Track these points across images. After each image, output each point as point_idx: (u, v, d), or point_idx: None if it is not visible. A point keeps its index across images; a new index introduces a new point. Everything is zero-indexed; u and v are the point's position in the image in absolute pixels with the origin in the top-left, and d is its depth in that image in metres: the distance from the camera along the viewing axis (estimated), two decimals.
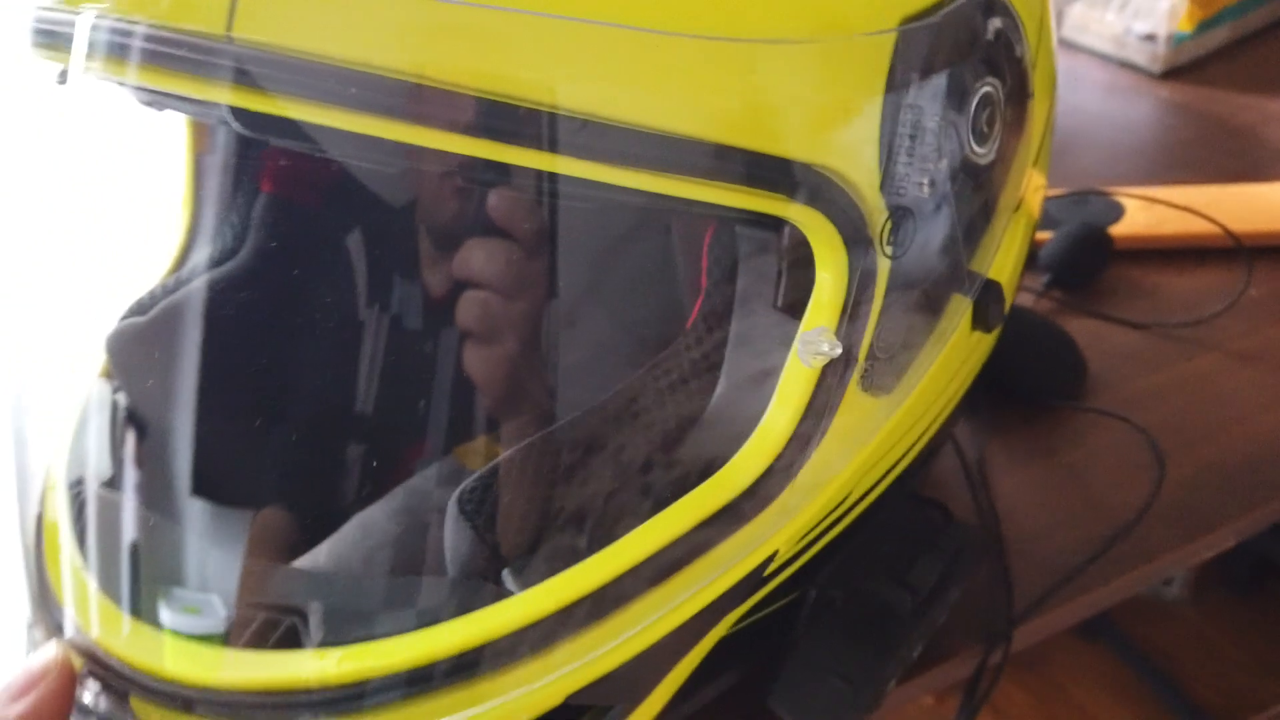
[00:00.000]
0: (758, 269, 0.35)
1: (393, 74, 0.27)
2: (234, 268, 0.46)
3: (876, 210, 0.33)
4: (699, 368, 0.37)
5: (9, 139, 0.38)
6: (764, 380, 0.35)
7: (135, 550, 0.36)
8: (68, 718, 0.33)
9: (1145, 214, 0.73)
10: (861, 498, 0.40)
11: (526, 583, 0.34)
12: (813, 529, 0.38)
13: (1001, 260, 0.40)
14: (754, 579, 0.36)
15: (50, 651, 0.34)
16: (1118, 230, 0.71)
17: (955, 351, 0.40)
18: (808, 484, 0.36)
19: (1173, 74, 0.94)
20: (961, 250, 0.37)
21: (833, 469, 0.36)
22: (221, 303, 0.43)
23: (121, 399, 0.41)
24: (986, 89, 0.35)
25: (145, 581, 0.36)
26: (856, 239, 0.33)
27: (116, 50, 0.29)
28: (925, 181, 0.34)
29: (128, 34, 0.29)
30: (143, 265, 0.47)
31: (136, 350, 0.42)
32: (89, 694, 0.34)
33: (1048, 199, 0.77)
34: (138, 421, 0.41)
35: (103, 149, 0.39)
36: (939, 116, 0.34)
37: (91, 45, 0.30)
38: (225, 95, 0.28)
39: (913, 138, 0.33)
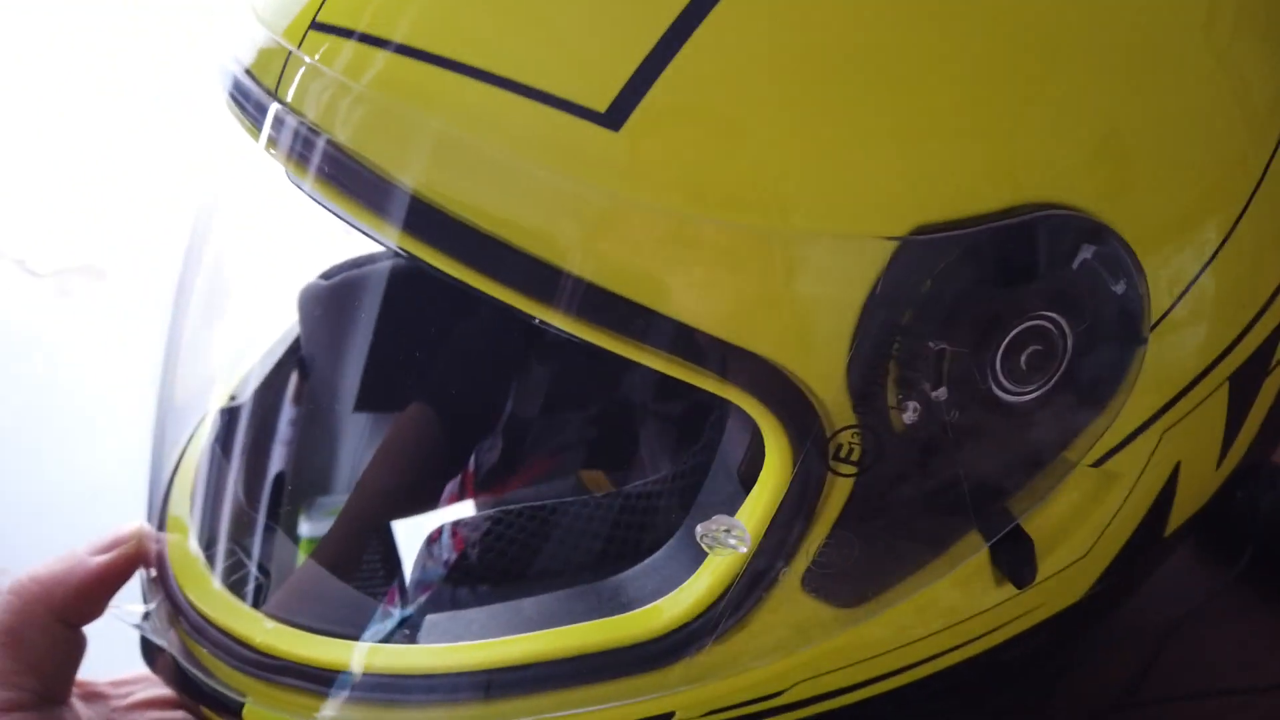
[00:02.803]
0: (735, 433, 0.34)
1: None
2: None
3: (838, 419, 0.30)
4: (669, 506, 0.36)
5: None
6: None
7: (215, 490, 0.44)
8: (126, 580, 0.42)
9: None
10: (824, 695, 0.36)
11: (435, 635, 0.36)
12: (731, 708, 0.35)
13: (1052, 515, 0.34)
14: None
15: (134, 528, 0.43)
16: None
17: (969, 592, 0.35)
18: (718, 662, 0.34)
19: None
20: (967, 486, 0.32)
21: (755, 658, 0.34)
22: (386, 288, 0.49)
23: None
24: (1036, 324, 0.30)
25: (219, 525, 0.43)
26: (803, 443, 0.30)
27: (296, 155, 0.30)
28: (913, 405, 0.30)
29: (309, 144, 0.30)
30: None
31: (314, 307, 0.49)
32: (144, 575, 0.43)
33: None
34: (302, 367, 0.49)
35: None
36: (943, 342, 0.29)
37: (272, 138, 0.31)
38: (391, 235, 0.30)
39: (899, 357, 0.30)
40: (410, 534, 0.42)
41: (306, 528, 0.47)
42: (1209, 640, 0.51)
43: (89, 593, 0.41)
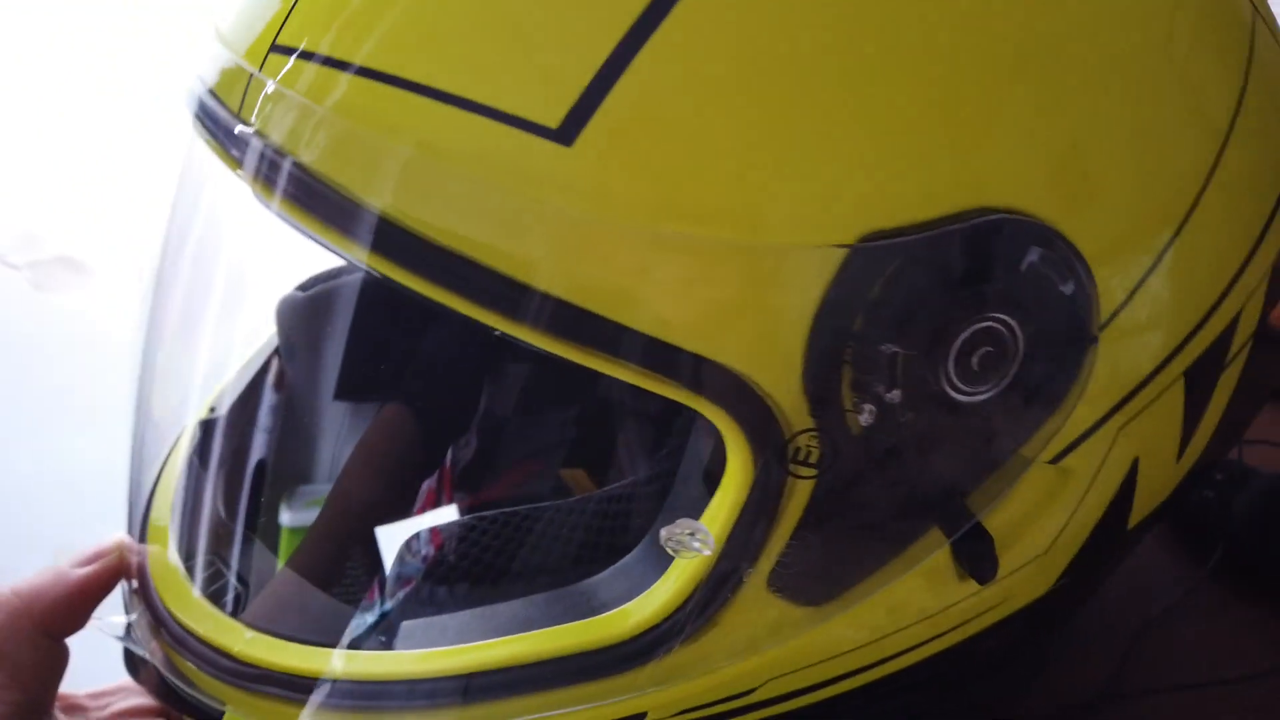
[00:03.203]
0: (701, 438, 0.34)
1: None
2: None
3: (796, 423, 0.31)
4: (639, 510, 0.37)
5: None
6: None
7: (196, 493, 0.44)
8: (108, 592, 0.43)
9: None
10: (796, 692, 0.37)
11: (411, 640, 0.37)
12: (703, 706, 0.36)
13: (1011, 511, 0.35)
14: None
15: (116, 540, 0.43)
16: None
17: (932, 589, 0.35)
18: (688, 662, 0.34)
19: None
20: (925, 485, 0.33)
21: (725, 658, 0.35)
22: (362, 296, 0.50)
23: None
24: (987, 325, 0.31)
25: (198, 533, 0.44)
26: (763, 448, 0.31)
27: (262, 177, 0.31)
28: (868, 408, 0.31)
29: (275, 166, 0.30)
30: None
31: (292, 318, 0.50)
32: (125, 587, 0.43)
33: None
34: (280, 377, 0.50)
35: None
36: (895, 346, 0.30)
37: (237, 159, 0.32)
38: (360, 255, 0.30)
39: (852, 361, 0.30)
40: (387, 540, 0.42)
41: (288, 516, 0.47)
42: (1185, 636, 0.52)
43: (72, 605, 0.41)
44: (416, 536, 0.39)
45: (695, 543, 0.32)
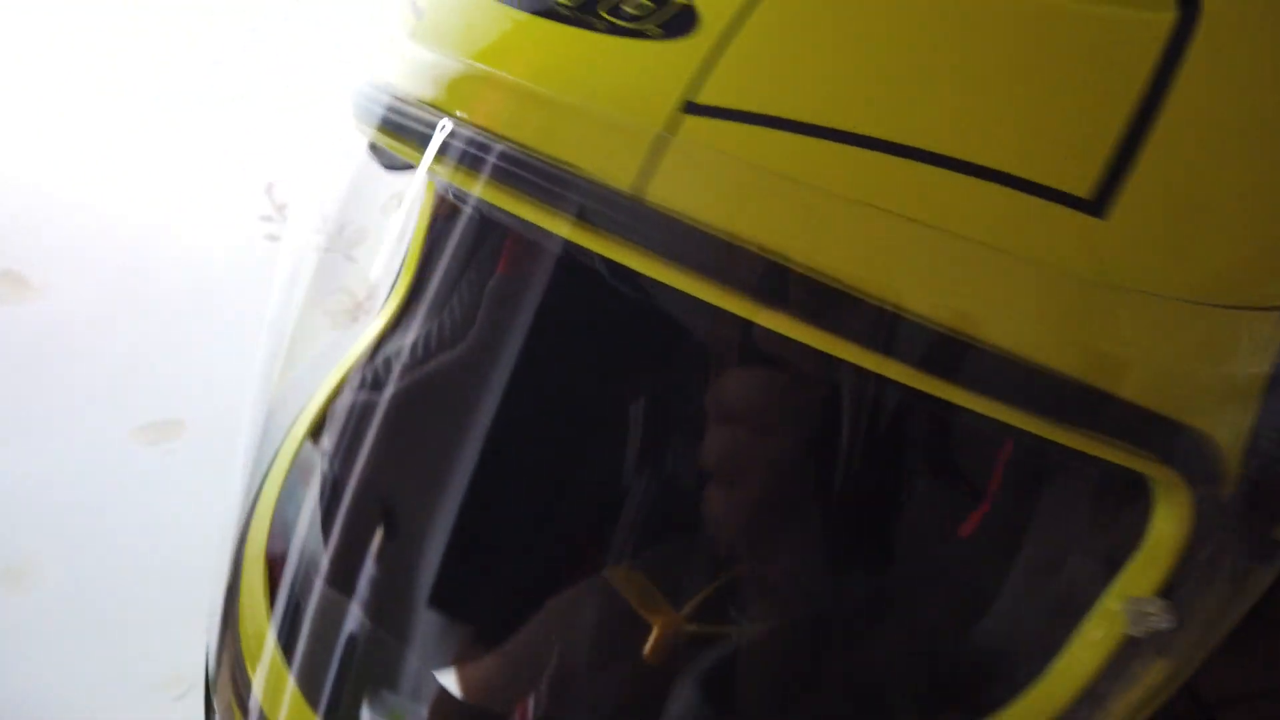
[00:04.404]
0: (1070, 500, 0.33)
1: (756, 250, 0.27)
2: (468, 354, 0.45)
3: (1234, 483, 0.31)
4: (969, 582, 0.35)
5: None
6: (1052, 622, 0.33)
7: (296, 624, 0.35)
8: None
9: None
10: None
11: None
12: None
13: None
14: None
15: None
16: None
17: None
18: None
19: None
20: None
21: None
22: (458, 391, 0.42)
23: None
24: None
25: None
26: (1210, 510, 0.31)
27: (469, 162, 0.29)
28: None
29: (485, 149, 0.29)
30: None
31: (366, 427, 0.40)
32: None
33: None
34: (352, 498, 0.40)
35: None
36: None
37: (443, 151, 0.30)
38: (565, 230, 0.28)
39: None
40: None
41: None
42: None
43: None
44: (719, 670, 0.34)
45: (1156, 620, 0.31)
